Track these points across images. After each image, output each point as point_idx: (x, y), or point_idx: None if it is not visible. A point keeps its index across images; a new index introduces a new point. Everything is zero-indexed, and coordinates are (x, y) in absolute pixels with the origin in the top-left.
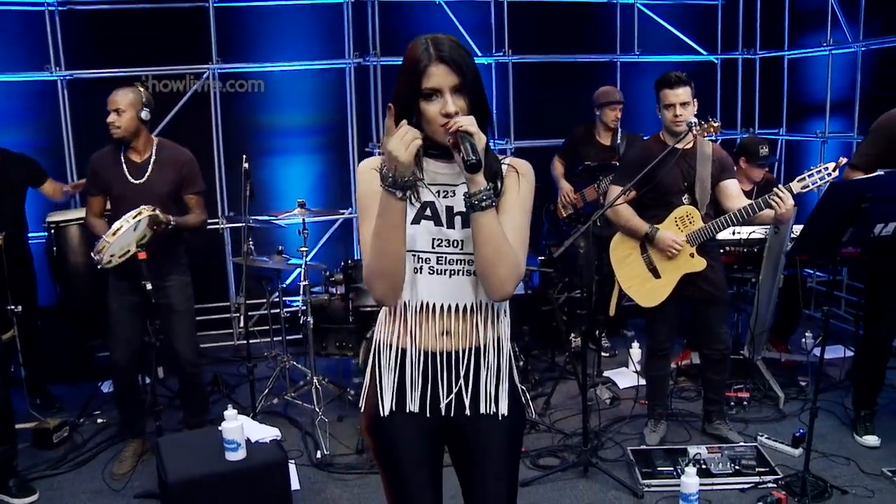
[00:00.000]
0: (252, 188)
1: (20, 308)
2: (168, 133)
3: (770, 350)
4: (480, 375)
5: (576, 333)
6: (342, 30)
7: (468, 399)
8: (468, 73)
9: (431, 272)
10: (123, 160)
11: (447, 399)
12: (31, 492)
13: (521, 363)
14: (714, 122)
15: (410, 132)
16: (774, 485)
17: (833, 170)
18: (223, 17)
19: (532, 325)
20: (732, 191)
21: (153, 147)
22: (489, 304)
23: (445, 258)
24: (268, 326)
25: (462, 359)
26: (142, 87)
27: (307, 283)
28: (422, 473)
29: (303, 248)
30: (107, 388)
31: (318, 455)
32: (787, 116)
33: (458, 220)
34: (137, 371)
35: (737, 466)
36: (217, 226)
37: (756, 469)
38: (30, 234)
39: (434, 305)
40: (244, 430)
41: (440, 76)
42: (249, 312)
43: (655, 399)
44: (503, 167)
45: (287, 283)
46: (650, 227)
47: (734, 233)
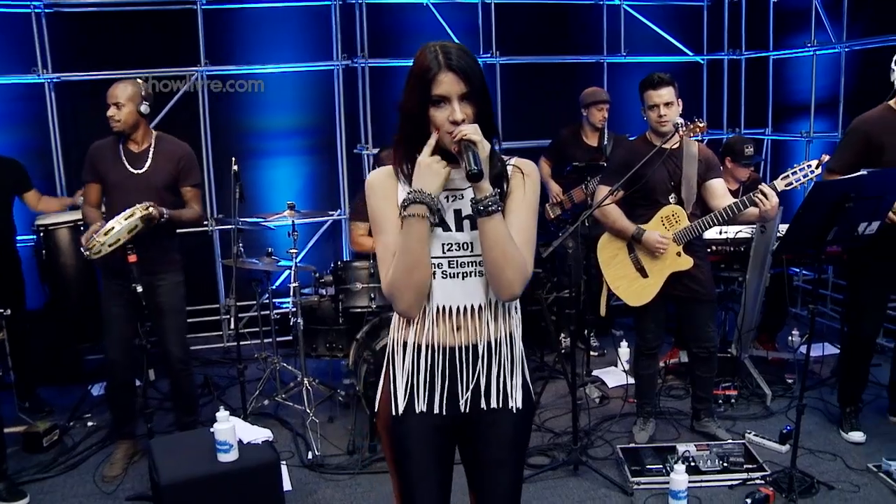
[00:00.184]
0: (241, 190)
1: (8, 311)
2: None
3: (757, 348)
4: (493, 370)
5: (565, 333)
6: (330, 32)
7: (482, 393)
8: (476, 82)
9: (444, 276)
10: (122, 150)
11: (465, 395)
12: (22, 496)
13: None
14: (700, 123)
15: (442, 164)
16: (762, 481)
17: (816, 167)
18: (211, 20)
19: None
20: (718, 190)
21: (152, 139)
22: (499, 302)
23: (456, 261)
24: (258, 328)
25: (475, 354)
26: (140, 81)
27: (297, 285)
28: (431, 472)
29: (292, 250)
30: (97, 391)
31: (310, 456)
32: (773, 116)
33: (467, 224)
34: (132, 370)
35: (725, 463)
36: (206, 228)
37: (744, 466)
38: (18, 237)
39: (448, 308)
40: (236, 432)
41: (448, 84)
42: (239, 314)
43: (644, 397)
44: (508, 168)
45: (277, 285)
46: (637, 229)
47: (721, 232)
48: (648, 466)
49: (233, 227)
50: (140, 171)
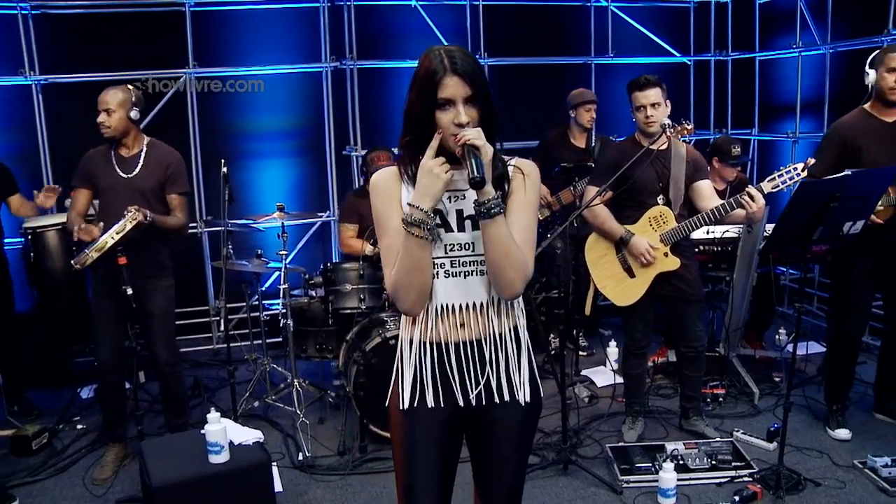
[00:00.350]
0: (231, 192)
1: None
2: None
3: (745, 347)
4: (500, 364)
5: (554, 334)
6: (319, 34)
7: (491, 388)
8: (479, 85)
9: (447, 276)
10: (113, 155)
11: (476, 390)
12: (11, 499)
13: None
14: (687, 125)
15: (444, 168)
16: (750, 478)
17: (802, 170)
18: (200, 21)
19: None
20: (706, 191)
21: (144, 144)
22: (502, 299)
23: (459, 261)
24: (247, 330)
25: (481, 349)
26: (131, 87)
27: (286, 286)
28: (434, 467)
29: (282, 252)
30: (86, 394)
31: (300, 457)
32: (759, 117)
33: (468, 224)
34: (122, 372)
35: (713, 461)
36: (195, 230)
37: (732, 463)
38: (6, 240)
39: (451, 306)
40: (227, 433)
41: (454, 87)
42: (229, 316)
43: (633, 397)
44: (509, 169)
45: (266, 287)
46: (625, 232)
47: (708, 232)
48: (637, 465)
49: (222, 229)
50: (130, 176)
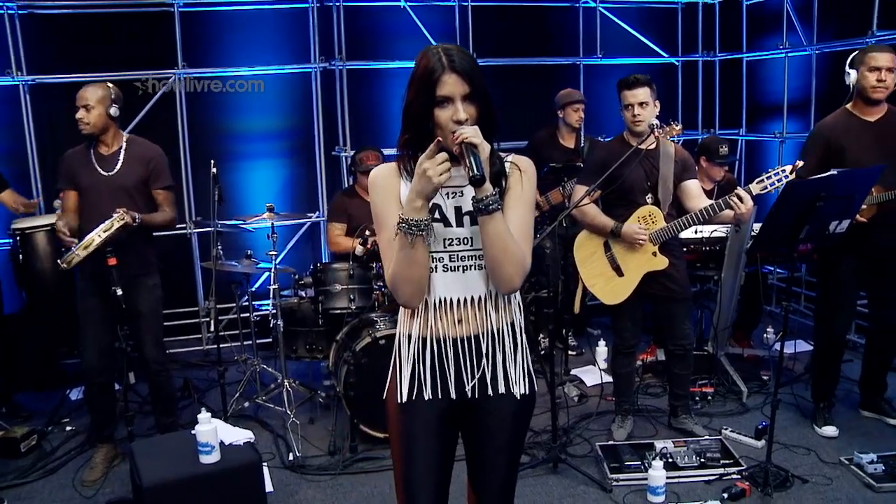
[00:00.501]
0: (220, 192)
1: None
2: None
3: (733, 346)
4: (497, 358)
5: (544, 333)
6: (308, 34)
7: (487, 381)
8: (477, 83)
9: (445, 269)
10: (93, 153)
11: (472, 383)
12: None
13: None
14: (676, 125)
15: (446, 163)
16: (738, 476)
17: (790, 172)
18: (189, 22)
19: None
20: (693, 191)
21: (123, 141)
22: (499, 293)
23: (457, 255)
24: (237, 331)
25: (478, 344)
26: (110, 84)
27: (276, 287)
28: (433, 459)
29: (272, 252)
30: (75, 396)
31: (291, 457)
32: (747, 117)
33: (466, 219)
34: (110, 374)
35: (702, 459)
36: (185, 230)
37: (721, 461)
38: None
39: (450, 300)
40: (218, 433)
41: (452, 85)
42: (219, 317)
43: (622, 395)
44: (506, 165)
45: (256, 287)
46: (615, 224)
47: (696, 231)
48: (627, 463)
49: (212, 230)
50: (111, 174)
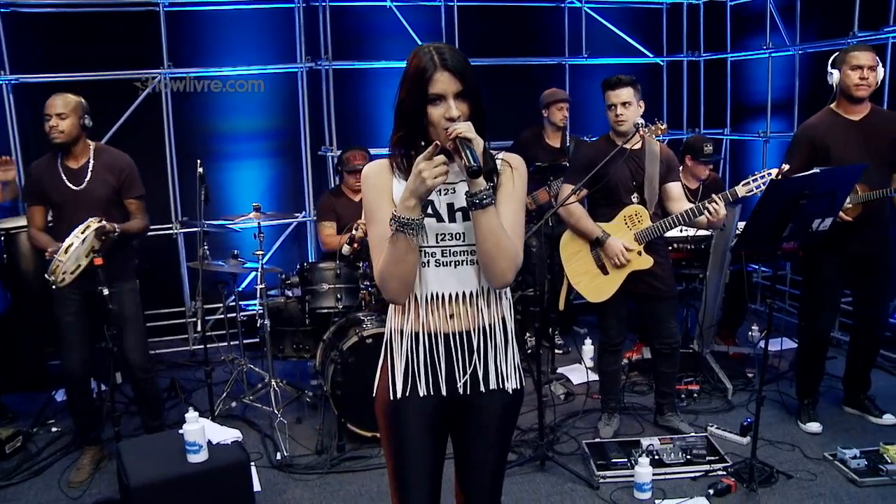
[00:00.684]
0: (207, 192)
1: None
2: (120, 138)
3: (718, 343)
4: (488, 354)
5: (530, 332)
6: (294, 34)
7: (478, 377)
8: (469, 81)
9: (438, 264)
10: (61, 167)
11: (463, 379)
12: None
13: None
14: (661, 125)
15: (443, 166)
16: (724, 472)
17: (776, 175)
18: (174, 21)
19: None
20: (675, 193)
21: (91, 152)
22: (491, 288)
23: (449, 250)
24: (224, 331)
25: (470, 338)
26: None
27: (263, 287)
28: (426, 453)
29: (258, 252)
30: (61, 397)
31: (278, 457)
32: (731, 117)
33: (459, 215)
34: (90, 376)
35: (688, 456)
36: (171, 231)
37: (706, 458)
38: None
39: (442, 294)
40: (205, 432)
41: (444, 83)
42: (205, 317)
43: (608, 393)
44: (497, 162)
45: (243, 287)
46: (602, 233)
47: (682, 231)
48: (613, 460)
49: (198, 230)
50: (81, 187)
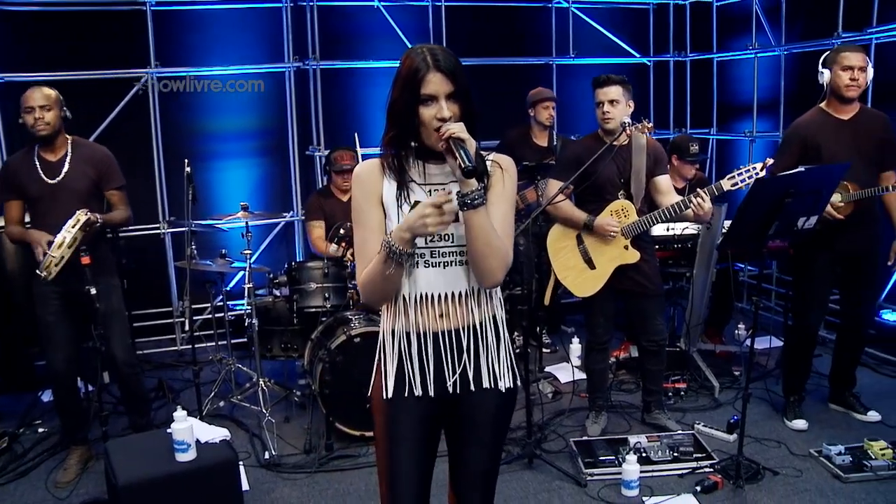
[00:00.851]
0: (194, 192)
1: None
2: (107, 137)
3: (705, 342)
4: (479, 353)
5: (518, 331)
6: (282, 34)
7: (469, 376)
8: (461, 82)
9: (427, 265)
10: (38, 160)
11: (453, 378)
12: None
13: None
14: (647, 124)
15: (449, 215)
16: (711, 469)
17: (761, 169)
18: (161, 21)
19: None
20: (663, 186)
21: (68, 145)
22: (481, 288)
23: (439, 251)
24: (212, 330)
25: (460, 337)
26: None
27: (251, 286)
28: (413, 455)
29: (246, 251)
30: (47, 397)
31: (266, 456)
32: (717, 117)
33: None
34: (76, 377)
35: (675, 453)
36: (158, 230)
37: (693, 455)
38: None
39: (431, 295)
40: (193, 431)
41: (436, 84)
42: (193, 317)
43: (596, 391)
44: (487, 163)
45: (231, 287)
46: (588, 217)
47: (668, 229)
48: (601, 458)
49: (186, 229)
50: (58, 180)
